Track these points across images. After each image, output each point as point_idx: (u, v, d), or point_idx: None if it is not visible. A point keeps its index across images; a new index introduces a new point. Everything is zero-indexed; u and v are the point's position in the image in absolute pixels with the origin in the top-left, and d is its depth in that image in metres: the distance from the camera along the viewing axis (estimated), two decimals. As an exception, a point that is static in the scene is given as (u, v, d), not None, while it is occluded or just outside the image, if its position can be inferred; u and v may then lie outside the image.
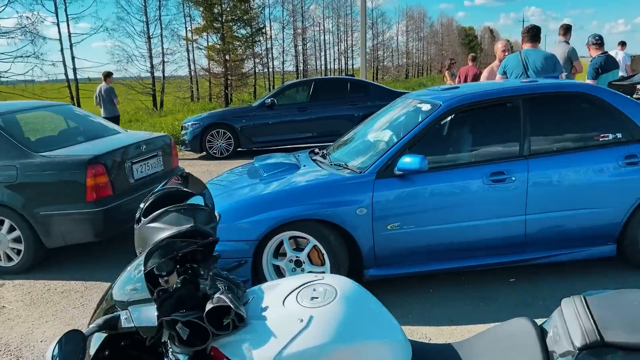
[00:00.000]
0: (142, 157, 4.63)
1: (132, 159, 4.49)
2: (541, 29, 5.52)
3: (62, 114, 5.17)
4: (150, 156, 4.75)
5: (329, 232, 3.23)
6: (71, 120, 5.14)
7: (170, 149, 5.11)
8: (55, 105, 5.20)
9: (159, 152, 4.89)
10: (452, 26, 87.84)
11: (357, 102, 9.65)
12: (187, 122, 9.84)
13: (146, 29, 31.28)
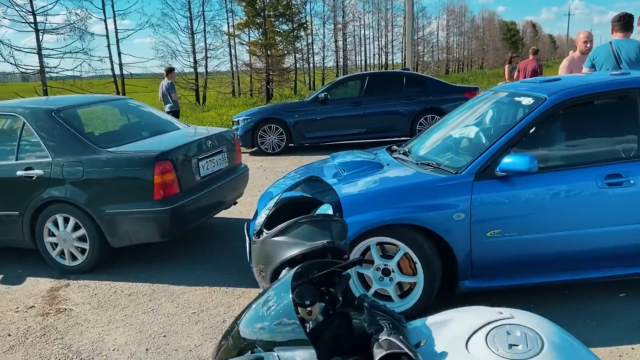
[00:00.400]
0: (208, 153, 4.42)
1: (198, 155, 4.29)
2: (634, 17, 5.01)
3: (123, 109, 5.03)
4: (216, 152, 4.54)
5: (422, 239, 2.91)
6: (132, 114, 5.00)
7: (234, 145, 4.90)
8: (116, 99, 5.07)
9: (223, 148, 4.67)
10: (494, 21, 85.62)
11: (413, 97, 9.26)
12: (239, 117, 9.68)
13: (190, 25, 31.59)
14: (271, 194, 3.71)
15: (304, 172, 3.97)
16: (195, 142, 4.30)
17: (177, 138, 4.48)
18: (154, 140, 4.36)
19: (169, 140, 4.37)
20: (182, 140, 4.27)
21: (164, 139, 4.45)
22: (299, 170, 4.12)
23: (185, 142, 4.23)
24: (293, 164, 8.34)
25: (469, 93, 9.38)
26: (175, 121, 5.08)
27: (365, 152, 3.98)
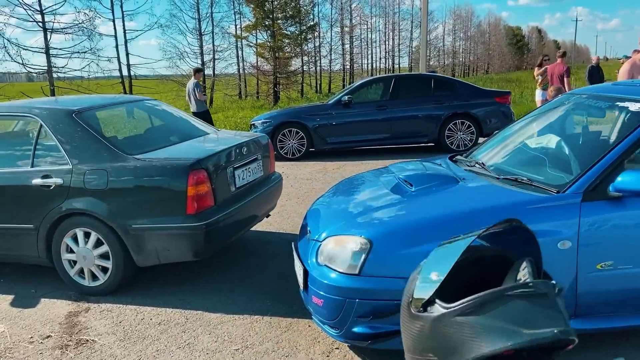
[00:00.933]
0: (244, 161, 3.96)
1: (234, 163, 3.83)
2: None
3: (148, 111, 4.56)
4: (251, 160, 4.08)
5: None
6: (158, 117, 4.54)
7: (268, 152, 4.44)
8: (140, 100, 4.60)
9: (258, 155, 4.21)
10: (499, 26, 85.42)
11: (442, 101, 8.79)
12: (257, 120, 9.23)
13: (198, 26, 31.25)
14: (318, 212, 3.25)
15: (355, 182, 3.50)
16: (230, 149, 3.83)
17: (209, 144, 4.02)
18: (185, 147, 3.90)
19: (201, 147, 3.92)
20: (216, 147, 3.81)
21: (196, 145, 3.99)
22: (348, 183, 3.64)
23: (220, 148, 3.76)
24: (316, 170, 7.87)
25: (500, 97, 8.92)
26: (203, 125, 4.62)
27: (428, 162, 3.51)
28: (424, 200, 2.77)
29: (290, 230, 4.94)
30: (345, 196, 3.32)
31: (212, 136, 4.32)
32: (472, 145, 8.74)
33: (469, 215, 2.51)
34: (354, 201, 3.14)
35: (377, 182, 3.35)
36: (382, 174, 3.49)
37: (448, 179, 2.96)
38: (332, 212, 3.08)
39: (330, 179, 7.16)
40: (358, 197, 3.20)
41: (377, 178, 3.45)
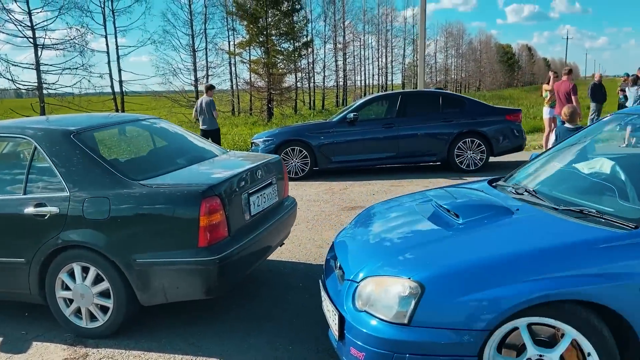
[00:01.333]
0: (259, 186, 3.61)
1: (249, 189, 3.47)
2: None
3: (151, 131, 4.21)
4: (266, 184, 3.73)
5: (600, 322, 2.09)
6: (163, 138, 4.18)
7: (282, 174, 4.09)
8: (142, 119, 4.23)
9: (273, 179, 3.86)
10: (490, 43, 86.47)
11: (451, 119, 8.51)
12: (259, 138, 8.89)
13: (192, 42, 31.07)
14: (348, 245, 2.90)
15: (390, 212, 3.15)
16: (244, 173, 3.48)
17: (221, 167, 3.67)
18: (195, 171, 3.54)
19: (212, 171, 3.56)
20: (229, 171, 3.45)
21: (206, 168, 3.63)
22: (379, 211, 3.29)
23: (234, 173, 3.40)
24: (322, 191, 7.52)
25: (510, 115, 8.67)
26: (211, 145, 4.26)
27: (467, 188, 3.18)
28: (477, 234, 2.43)
29: (303, 259, 4.58)
30: (378, 227, 2.98)
31: (222, 158, 3.97)
32: (482, 165, 8.45)
33: (536, 255, 2.16)
34: (390, 233, 2.79)
35: (414, 210, 3.01)
36: (418, 201, 3.15)
37: (500, 210, 2.62)
38: (367, 246, 2.73)
39: (339, 200, 6.81)
40: (395, 229, 2.85)
41: (412, 206, 3.10)
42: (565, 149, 3.37)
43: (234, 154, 4.31)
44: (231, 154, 4.21)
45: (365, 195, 7.06)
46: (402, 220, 2.95)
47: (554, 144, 4.86)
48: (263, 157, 3.98)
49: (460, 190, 3.10)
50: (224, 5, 33.24)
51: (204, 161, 3.77)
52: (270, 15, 32.05)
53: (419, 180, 7.96)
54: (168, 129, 4.27)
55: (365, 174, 8.70)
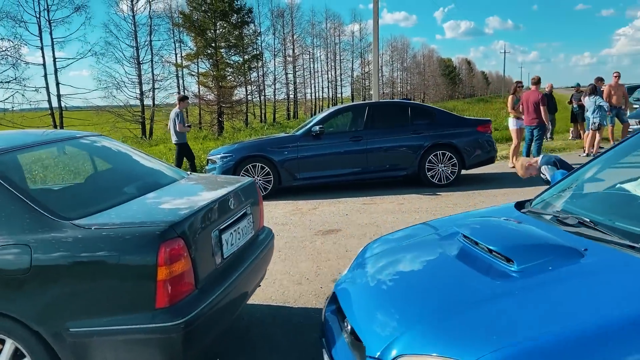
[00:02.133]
0: (232, 218, 2.87)
1: (220, 224, 2.73)
2: None
3: (88, 150, 3.36)
4: (241, 216, 2.99)
5: None
6: (103, 159, 3.35)
7: (257, 201, 3.36)
8: (78, 136, 3.36)
9: (248, 208, 3.13)
10: (433, 57, 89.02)
11: (421, 131, 8.03)
12: (216, 155, 8.07)
13: (136, 55, 29.70)
14: (360, 296, 2.23)
15: (409, 250, 2.47)
16: (214, 204, 2.72)
17: (183, 197, 2.90)
18: (149, 203, 2.74)
19: (173, 202, 2.79)
20: (194, 202, 2.69)
21: (164, 199, 2.84)
22: (393, 249, 2.60)
23: (201, 204, 2.64)
24: (289, 212, 6.80)
25: (482, 126, 8.29)
26: (168, 168, 3.47)
27: (499, 218, 2.56)
28: (548, 290, 1.78)
29: (280, 300, 3.84)
30: (398, 272, 2.30)
31: (183, 184, 3.18)
32: (454, 179, 8.00)
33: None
34: (419, 283, 2.12)
35: (439, 248, 2.36)
36: (441, 234, 2.50)
37: (563, 251, 2.00)
38: (390, 303, 2.04)
39: (310, 222, 6.11)
40: (423, 276, 2.18)
41: (435, 241, 2.45)
42: (598, 166, 2.84)
43: (196, 177, 3.53)
44: (193, 178, 3.42)
45: (337, 215, 6.40)
46: (428, 262, 2.30)
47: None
48: (234, 182, 3.23)
49: (491, 221, 2.48)
50: (169, 17, 32.05)
51: (160, 189, 2.97)
52: (218, 28, 31.20)
53: (391, 197, 7.40)
54: (112, 148, 3.43)
55: (333, 190, 8.05)
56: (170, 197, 2.87)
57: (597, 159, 2.88)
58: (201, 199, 2.76)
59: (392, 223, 5.83)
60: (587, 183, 2.77)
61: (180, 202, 2.75)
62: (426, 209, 6.53)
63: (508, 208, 2.74)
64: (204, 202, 2.68)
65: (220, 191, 2.91)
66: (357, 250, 4.98)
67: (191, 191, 3.04)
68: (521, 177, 4.27)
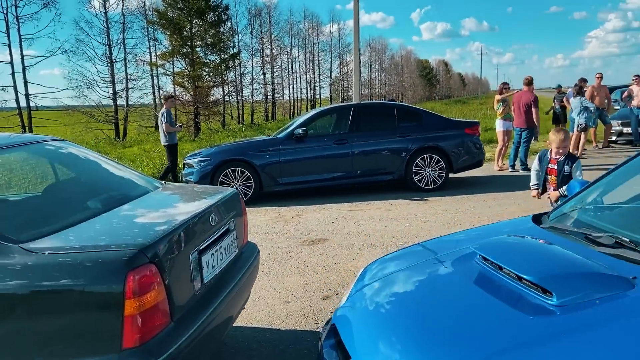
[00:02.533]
0: (214, 236, 2.50)
1: (200, 243, 2.36)
2: None
3: (48, 157, 2.95)
4: (223, 232, 2.63)
5: None
6: (65, 167, 2.95)
7: (241, 212, 3.00)
8: (34, 141, 2.94)
9: (231, 223, 2.77)
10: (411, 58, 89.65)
11: (408, 133, 7.75)
12: (192, 159, 7.64)
13: (109, 53, 28.81)
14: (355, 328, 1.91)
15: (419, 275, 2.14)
16: (192, 220, 2.35)
17: (157, 212, 2.52)
18: (117, 220, 2.35)
19: (144, 219, 2.40)
20: (169, 220, 2.31)
21: (134, 215, 2.46)
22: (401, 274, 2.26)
23: (177, 222, 2.27)
24: (272, 219, 6.44)
25: (470, 128, 8.06)
26: (140, 177, 3.07)
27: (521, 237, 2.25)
28: (601, 335, 1.47)
29: (266, 321, 3.48)
30: (407, 301, 1.97)
31: (157, 196, 2.79)
32: (442, 183, 7.75)
33: None
34: (436, 317, 1.79)
35: (456, 272, 2.04)
36: (456, 255, 2.18)
37: (609, 280, 1.70)
38: (403, 340, 1.71)
39: (294, 231, 5.76)
40: (439, 308, 1.85)
41: (450, 264, 2.13)
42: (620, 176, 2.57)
43: (172, 187, 3.13)
44: (169, 189, 3.03)
45: (323, 223, 6.06)
46: (442, 290, 1.97)
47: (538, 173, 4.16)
48: (214, 193, 2.87)
49: (514, 240, 2.16)
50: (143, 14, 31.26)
51: (130, 202, 2.58)
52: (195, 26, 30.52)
53: (378, 203, 7.09)
54: (77, 154, 3.01)
55: (317, 196, 7.72)
56: (141, 212, 2.49)
57: (619, 168, 2.61)
58: (177, 215, 2.39)
59: (381, 231, 5.52)
60: (610, 194, 2.50)
61: (152, 219, 2.37)
62: (415, 215, 6.24)
63: (525, 222, 2.45)
64: (181, 219, 2.31)
65: (200, 205, 2.54)
66: (347, 262, 4.66)
67: (166, 205, 2.65)
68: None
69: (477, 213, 6.16)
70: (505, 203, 6.64)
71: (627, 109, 12.32)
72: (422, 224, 5.75)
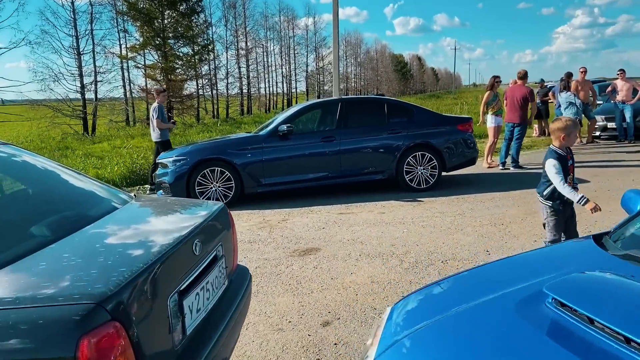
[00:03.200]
0: (197, 270, 1.95)
1: (181, 283, 1.81)
2: None
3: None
4: (210, 262, 2.08)
5: None
6: (14, 179, 2.34)
7: (230, 231, 2.45)
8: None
9: (219, 248, 2.22)
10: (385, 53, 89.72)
11: (398, 130, 7.27)
12: (167, 158, 7.00)
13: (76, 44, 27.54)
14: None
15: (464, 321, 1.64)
16: (171, 254, 1.80)
17: (124, 242, 1.95)
18: (68, 255, 1.77)
19: (106, 253, 1.83)
20: (139, 253, 1.76)
21: (92, 246, 1.88)
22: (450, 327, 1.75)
23: (150, 258, 1.71)
24: (256, 225, 5.88)
25: (462, 125, 7.63)
26: (105, 188, 2.48)
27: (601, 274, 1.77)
28: None
29: (258, 357, 2.94)
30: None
31: (125, 217, 2.21)
32: (434, 182, 7.30)
33: None
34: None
35: (523, 323, 1.54)
36: (516, 296, 1.68)
37: None
38: None
39: (281, 238, 5.22)
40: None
41: (509, 308, 1.63)
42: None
43: (144, 202, 2.54)
44: (139, 204, 2.45)
45: (312, 229, 5.54)
46: (506, 350, 1.47)
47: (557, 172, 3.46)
48: (197, 208, 2.31)
49: (598, 278, 1.67)
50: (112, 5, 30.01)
51: (89, 226, 2.00)
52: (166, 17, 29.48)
53: (369, 205, 6.61)
54: (24, 163, 2.39)
55: (302, 197, 7.18)
56: (103, 242, 1.91)
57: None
58: (151, 244, 1.83)
59: (378, 238, 5.03)
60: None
61: (117, 252, 1.80)
62: (411, 218, 5.78)
63: (588, 248, 1.97)
64: (156, 250, 1.75)
65: (181, 229, 1.98)
66: (344, 277, 4.14)
67: (135, 230, 2.08)
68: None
69: (477, 216, 5.73)
70: (504, 204, 6.24)
71: (611, 104, 12.13)
72: (420, 229, 5.29)
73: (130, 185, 8.97)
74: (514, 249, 4.48)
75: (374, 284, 3.85)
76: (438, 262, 4.25)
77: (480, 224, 5.35)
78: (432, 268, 4.13)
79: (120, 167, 9.63)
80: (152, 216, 2.34)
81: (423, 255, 4.46)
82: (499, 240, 4.80)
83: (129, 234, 2.01)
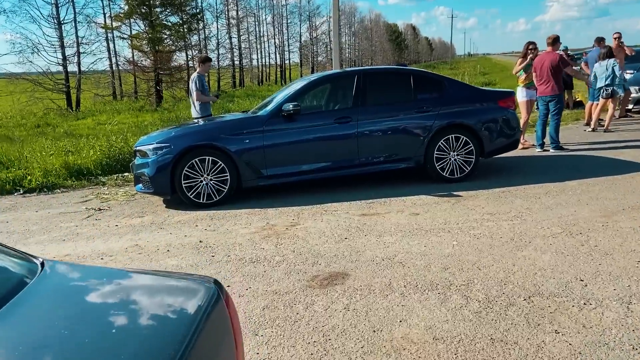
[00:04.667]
0: None
1: None
2: None
3: None
4: None
5: None
6: None
7: (231, 336, 1.20)
8: None
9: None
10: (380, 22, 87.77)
11: (428, 108, 5.99)
12: (146, 145, 5.68)
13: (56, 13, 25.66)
14: None
15: None
16: None
17: None
18: None
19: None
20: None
21: None
22: None
23: None
24: (257, 232, 4.64)
25: (504, 101, 6.34)
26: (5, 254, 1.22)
27: None
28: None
29: None
30: None
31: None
32: (470, 171, 6.07)
33: None
34: None
35: None
36: None
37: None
38: None
39: (293, 255, 3.98)
40: None
41: None
42: None
43: (62, 278, 1.27)
44: (52, 287, 1.18)
45: (332, 240, 4.30)
46: None
47: None
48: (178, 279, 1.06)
49: None
50: (94, -30, 28.01)
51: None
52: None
53: (397, 201, 5.37)
54: None
55: (312, 190, 5.94)
56: None
57: None
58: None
59: (422, 257, 3.81)
60: None
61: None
62: (456, 223, 4.55)
63: None
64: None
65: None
66: (392, 328, 2.76)
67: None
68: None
69: (541, 219, 4.51)
70: (568, 201, 5.03)
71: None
72: (475, 242, 4.07)
73: (108, 173, 7.66)
74: (616, 276, 3.27)
75: (438, 343, 2.64)
76: (520, 301, 3.04)
77: (552, 234, 4.14)
78: (514, 310, 2.92)
79: (97, 152, 8.28)
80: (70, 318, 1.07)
81: (493, 286, 3.25)
82: (589, 260, 3.58)
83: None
